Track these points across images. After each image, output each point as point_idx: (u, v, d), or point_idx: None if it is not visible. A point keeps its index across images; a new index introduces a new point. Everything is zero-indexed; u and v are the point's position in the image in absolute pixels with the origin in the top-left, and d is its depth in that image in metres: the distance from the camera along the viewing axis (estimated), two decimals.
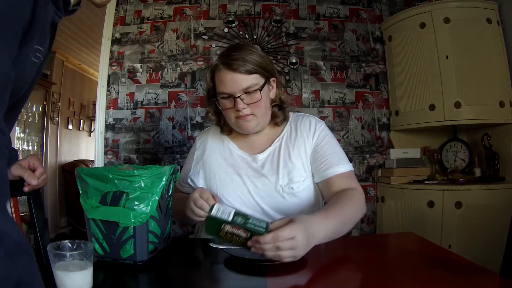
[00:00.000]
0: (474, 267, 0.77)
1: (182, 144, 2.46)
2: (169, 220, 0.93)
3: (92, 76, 5.05)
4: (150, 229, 0.82)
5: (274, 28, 2.51)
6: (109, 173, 0.80)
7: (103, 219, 0.79)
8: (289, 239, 0.73)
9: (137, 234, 0.79)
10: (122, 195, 0.79)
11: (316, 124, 1.14)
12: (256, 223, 0.75)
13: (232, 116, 1.07)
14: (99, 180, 0.81)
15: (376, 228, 2.44)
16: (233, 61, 1.01)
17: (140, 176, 0.79)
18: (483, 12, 2.14)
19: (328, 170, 1.05)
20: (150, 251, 0.83)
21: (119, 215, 0.77)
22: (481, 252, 1.87)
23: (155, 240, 0.84)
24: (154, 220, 0.83)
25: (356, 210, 0.98)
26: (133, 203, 0.78)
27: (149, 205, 0.79)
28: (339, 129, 2.47)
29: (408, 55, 2.29)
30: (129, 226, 0.78)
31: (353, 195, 1.00)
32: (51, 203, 4.00)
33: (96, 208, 0.80)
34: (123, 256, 0.79)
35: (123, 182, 0.79)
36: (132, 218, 0.77)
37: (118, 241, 0.79)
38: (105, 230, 0.80)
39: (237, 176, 1.11)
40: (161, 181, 0.83)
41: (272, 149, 1.12)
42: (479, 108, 2.07)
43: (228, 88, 1.03)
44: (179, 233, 2.40)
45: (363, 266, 0.87)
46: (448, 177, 2.23)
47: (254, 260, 0.80)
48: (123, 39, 2.54)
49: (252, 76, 1.03)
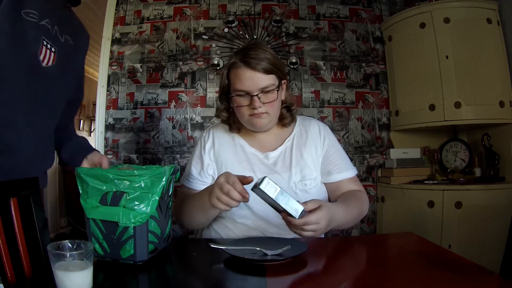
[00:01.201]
0: (474, 267, 0.77)
1: (182, 144, 2.46)
2: (169, 220, 0.92)
3: (92, 76, 5.05)
4: (150, 229, 0.82)
5: (274, 28, 2.51)
6: (109, 173, 0.80)
7: (103, 219, 0.79)
8: (315, 224, 0.85)
9: (137, 234, 0.78)
10: (122, 195, 0.79)
11: (324, 130, 1.21)
12: (293, 207, 0.83)
13: (245, 114, 1.08)
14: (99, 180, 0.81)
15: (376, 228, 2.44)
16: (252, 59, 1.03)
17: (140, 176, 0.79)
18: (483, 12, 2.14)
19: (340, 174, 1.15)
20: (150, 251, 0.82)
21: (119, 215, 0.77)
22: (481, 252, 1.88)
23: (155, 240, 0.84)
24: (154, 220, 0.83)
25: (362, 209, 1.12)
26: (133, 203, 0.78)
27: (149, 205, 0.79)
28: (339, 129, 2.47)
29: (408, 55, 2.29)
30: (129, 226, 0.78)
31: (362, 197, 1.14)
32: (51, 203, 4.00)
33: (96, 208, 0.80)
34: (123, 256, 0.79)
35: (123, 182, 0.79)
36: (132, 218, 0.77)
37: (118, 241, 0.79)
38: (105, 230, 0.80)
39: (250, 172, 1.11)
40: (161, 181, 0.83)
41: (284, 148, 1.16)
42: (479, 108, 2.07)
43: (246, 86, 1.04)
44: (179, 233, 2.40)
45: (363, 266, 0.87)
46: (448, 177, 2.23)
47: (254, 260, 0.80)
48: (123, 39, 2.54)
49: (270, 76, 1.05)
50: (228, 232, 1.10)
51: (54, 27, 1.00)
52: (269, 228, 1.07)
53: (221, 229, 1.12)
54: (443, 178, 2.23)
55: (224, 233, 1.11)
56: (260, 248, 0.84)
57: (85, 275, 0.63)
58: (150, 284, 0.78)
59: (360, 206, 1.10)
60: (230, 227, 1.10)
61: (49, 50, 0.98)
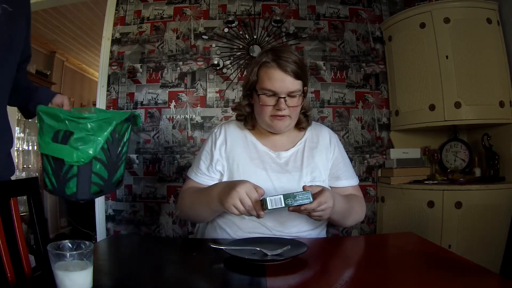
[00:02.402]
0: (474, 267, 0.77)
1: (182, 144, 2.46)
2: (121, 166, 0.96)
3: (92, 76, 5.05)
4: (95, 171, 0.85)
5: (274, 28, 2.51)
6: (60, 113, 0.83)
7: (53, 156, 0.84)
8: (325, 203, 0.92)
9: (80, 173, 0.82)
10: (71, 134, 0.82)
11: (335, 138, 1.26)
12: (302, 198, 0.89)
13: (267, 113, 1.10)
14: (52, 118, 0.84)
15: (376, 228, 2.44)
16: (284, 61, 1.05)
17: (88, 119, 0.83)
18: (483, 12, 2.14)
19: (346, 181, 1.22)
20: (93, 192, 0.86)
21: (64, 152, 0.81)
22: (481, 252, 1.87)
23: (101, 182, 0.88)
24: (100, 162, 0.86)
25: (358, 213, 1.18)
26: (78, 143, 0.82)
27: (93, 147, 0.82)
28: (339, 129, 2.47)
29: (408, 55, 2.29)
30: (74, 165, 0.82)
31: (362, 203, 1.23)
32: (51, 203, 4.00)
33: (48, 144, 0.84)
34: (67, 193, 0.84)
35: (72, 123, 0.83)
36: (76, 157, 0.81)
37: (64, 178, 0.83)
38: (54, 166, 0.84)
39: (262, 170, 1.13)
40: (109, 125, 0.86)
41: (296, 149, 1.19)
42: (479, 108, 2.07)
43: (276, 87, 1.06)
44: (179, 233, 2.40)
45: (363, 266, 0.87)
46: (448, 177, 2.23)
47: (254, 260, 0.80)
48: (123, 39, 2.54)
49: (298, 81, 1.08)
50: (235, 228, 1.10)
51: None
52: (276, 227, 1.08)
53: (228, 226, 1.12)
54: (443, 178, 2.23)
55: (231, 230, 1.11)
56: (260, 248, 0.84)
57: (85, 275, 0.63)
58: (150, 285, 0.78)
59: (358, 209, 1.17)
60: (237, 223, 1.10)
61: None
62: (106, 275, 0.78)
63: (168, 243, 1.30)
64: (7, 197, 0.80)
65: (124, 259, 0.95)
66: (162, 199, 2.43)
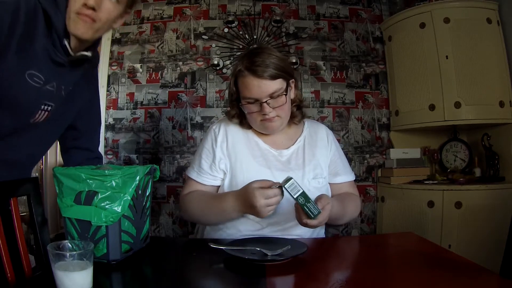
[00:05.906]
0: (474, 267, 0.77)
1: (182, 144, 2.46)
2: (146, 221, 0.93)
3: None
4: (124, 229, 0.83)
5: (274, 28, 2.51)
6: (81, 173, 0.81)
7: (77, 218, 0.81)
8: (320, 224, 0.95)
9: (109, 233, 0.80)
10: (95, 194, 0.80)
11: (332, 135, 1.27)
12: (311, 209, 0.91)
13: (257, 119, 1.10)
14: (72, 179, 0.82)
15: (376, 228, 2.44)
16: (257, 67, 1.03)
17: (111, 176, 0.80)
18: (483, 12, 2.13)
19: (342, 176, 1.23)
20: (124, 251, 0.83)
21: (91, 214, 0.79)
22: (481, 252, 1.87)
23: (130, 240, 0.85)
24: (127, 219, 0.84)
25: (353, 212, 1.20)
26: (104, 203, 0.79)
27: (120, 204, 0.80)
28: (339, 129, 2.47)
29: (408, 55, 2.29)
30: (102, 226, 0.79)
31: (357, 201, 1.24)
32: (51, 203, 3.99)
33: (70, 207, 0.81)
34: (97, 255, 0.80)
35: (96, 181, 0.80)
36: (104, 217, 0.78)
37: (92, 240, 0.80)
38: (80, 229, 0.81)
39: (266, 168, 1.12)
40: (134, 181, 0.84)
41: (296, 147, 1.19)
42: (479, 108, 2.07)
43: (254, 94, 1.05)
44: (179, 233, 2.40)
45: (363, 266, 0.87)
46: (448, 177, 2.23)
47: (254, 260, 0.80)
48: (123, 39, 2.54)
49: (277, 81, 1.05)
50: (235, 229, 1.10)
51: (61, 86, 0.95)
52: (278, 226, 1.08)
53: (228, 226, 1.11)
54: (443, 178, 2.23)
55: (231, 230, 1.10)
56: (260, 248, 0.84)
57: (85, 275, 0.63)
58: (151, 285, 0.78)
59: (352, 208, 1.19)
60: (237, 224, 1.09)
61: (45, 111, 0.94)
62: (106, 275, 0.78)
63: (168, 243, 1.30)
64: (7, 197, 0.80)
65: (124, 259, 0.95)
66: (162, 199, 2.43)
